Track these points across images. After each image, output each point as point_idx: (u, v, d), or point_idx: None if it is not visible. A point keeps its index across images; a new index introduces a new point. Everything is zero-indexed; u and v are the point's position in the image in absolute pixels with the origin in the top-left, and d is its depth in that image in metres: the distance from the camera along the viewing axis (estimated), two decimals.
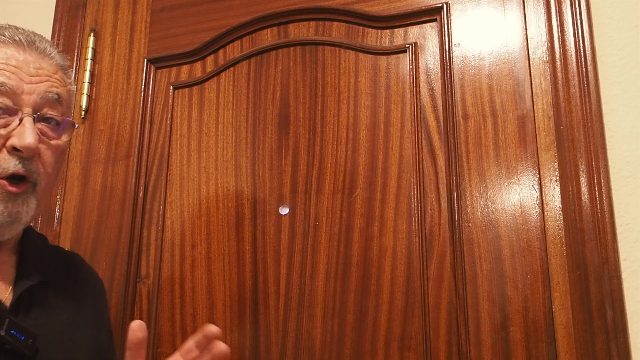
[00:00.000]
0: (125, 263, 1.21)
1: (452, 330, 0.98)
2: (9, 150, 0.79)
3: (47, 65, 0.86)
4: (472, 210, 1.02)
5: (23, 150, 0.79)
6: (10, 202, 0.80)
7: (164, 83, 1.31)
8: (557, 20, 1.04)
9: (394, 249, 1.05)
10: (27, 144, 0.79)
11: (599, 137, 0.97)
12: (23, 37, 0.85)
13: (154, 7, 1.36)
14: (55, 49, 0.89)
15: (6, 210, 0.79)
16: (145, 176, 1.26)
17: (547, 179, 0.99)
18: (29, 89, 0.82)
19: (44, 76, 0.84)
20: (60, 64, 0.89)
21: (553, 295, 0.94)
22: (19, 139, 0.79)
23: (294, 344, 1.07)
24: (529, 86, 1.04)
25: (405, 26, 1.15)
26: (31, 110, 0.82)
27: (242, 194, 1.18)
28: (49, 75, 0.85)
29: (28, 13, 1.51)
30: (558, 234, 0.96)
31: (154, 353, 1.16)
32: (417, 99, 1.10)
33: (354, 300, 1.05)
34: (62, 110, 0.87)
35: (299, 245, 1.11)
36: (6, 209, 0.79)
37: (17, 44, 0.84)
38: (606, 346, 0.89)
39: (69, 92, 0.90)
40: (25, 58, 0.83)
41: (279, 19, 1.24)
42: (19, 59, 0.83)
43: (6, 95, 0.80)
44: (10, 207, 0.80)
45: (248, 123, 1.21)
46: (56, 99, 0.85)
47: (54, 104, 0.85)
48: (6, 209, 0.79)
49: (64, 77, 0.89)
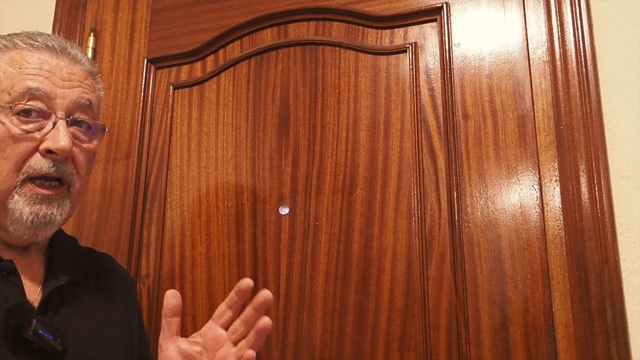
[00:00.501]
0: (125, 263, 1.21)
1: (452, 330, 0.98)
2: (43, 152, 0.81)
3: (78, 71, 0.88)
4: (472, 210, 1.02)
5: (58, 153, 0.81)
6: (44, 204, 0.81)
7: (164, 83, 1.31)
8: (557, 20, 1.04)
9: (394, 249, 1.05)
10: (61, 146, 0.81)
11: (599, 137, 0.97)
12: (55, 43, 0.87)
13: (154, 7, 1.36)
14: (85, 56, 0.91)
15: (41, 212, 0.81)
16: (145, 176, 1.26)
17: (547, 179, 0.99)
18: (62, 93, 0.84)
19: (75, 81, 0.87)
20: (89, 70, 0.91)
21: (553, 295, 0.94)
22: (54, 141, 0.81)
23: (294, 344, 1.07)
24: (529, 86, 1.04)
25: (405, 26, 1.15)
26: (64, 114, 0.84)
27: (242, 194, 1.18)
28: (80, 80, 0.88)
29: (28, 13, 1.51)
30: (558, 234, 0.96)
31: (154, 353, 1.16)
32: (417, 99, 1.10)
33: (354, 300, 1.05)
34: (93, 115, 0.89)
35: (299, 245, 1.11)
36: (41, 210, 0.81)
37: (49, 50, 0.86)
38: (606, 346, 0.89)
39: (98, 98, 0.92)
40: (57, 63, 0.86)
41: (279, 19, 1.24)
42: (52, 64, 0.85)
43: (40, 100, 0.82)
44: (45, 209, 0.81)
45: (248, 123, 1.21)
46: (87, 104, 0.87)
47: (86, 109, 0.87)
48: (41, 210, 0.81)
49: (93, 83, 0.91)
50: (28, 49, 0.85)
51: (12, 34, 0.88)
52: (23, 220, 0.80)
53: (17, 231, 0.81)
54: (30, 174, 0.81)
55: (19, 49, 0.85)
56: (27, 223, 0.80)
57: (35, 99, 0.82)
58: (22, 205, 0.80)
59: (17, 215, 0.80)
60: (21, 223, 0.80)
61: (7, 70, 0.83)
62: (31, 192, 0.81)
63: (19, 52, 0.85)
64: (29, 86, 0.82)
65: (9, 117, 0.81)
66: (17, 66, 0.84)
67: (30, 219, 0.80)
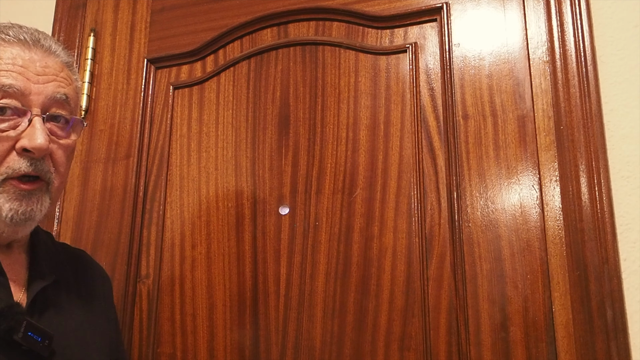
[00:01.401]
0: (125, 263, 1.21)
1: (452, 330, 0.98)
2: (19, 151, 0.79)
3: (53, 63, 0.85)
4: (472, 210, 1.02)
5: (34, 151, 0.79)
6: (24, 200, 0.80)
7: (164, 83, 1.31)
8: (557, 20, 1.04)
9: (394, 249, 1.05)
10: (37, 144, 0.79)
11: (599, 137, 0.97)
12: (27, 36, 0.84)
13: (154, 7, 1.36)
14: (59, 46, 0.88)
15: (20, 208, 0.79)
16: (145, 176, 1.26)
17: (547, 179, 0.99)
18: (37, 89, 0.81)
19: (50, 75, 0.84)
20: (65, 61, 0.88)
21: (553, 295, 0.94)
22: (30, 140, 0.79)
23: (294, 344, 1.07)
24: (529, 86, 1.04)
25: (405, 26, 1.15)
26: (40, 111, 0.81)
27: (242, 194, 1.18)
28: (55, 74, 0.84)
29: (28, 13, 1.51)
30: (558, 234, 0.96)
31: (154, 353, 1.16)
32: (417, 99, 1.10)
33: (354, 300, 1.05)
34: (70, 109, 0.86)
35: (299, 245, 1.11)
36: (20, 206, 0.79)
37: (22, 43, 0.83)
38: (606, 346, 0.89)
39: (75, 90, 0.89)
40: (30, 57, 0.82)
41: (279, 19, 1.24)
42: (25, 58, 0.82)
43: (14, 97, 0.80)
44: (25, 205, 0.80)
45: (248, 123, 1.21)
46: (64, 99, 0.85)
47: (62, 103, 0.84)
48: (20, 207, 0.79)
49: (70, 75, 0.88)
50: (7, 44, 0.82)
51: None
52: (2, 217, 0.78)
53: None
54: (9, 175, 0.79)
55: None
56: (7, 220, 0.79)
57: (9, 96, 0.79)
58: (2, 201, 0.78)
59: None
60: (2, 220, 0.79)
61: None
62: (10, 188, 0.79)
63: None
64: (2, 83, 0.79)
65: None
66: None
67: (10, 215, 0.79)
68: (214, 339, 1.12)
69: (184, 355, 1.14)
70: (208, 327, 1.13)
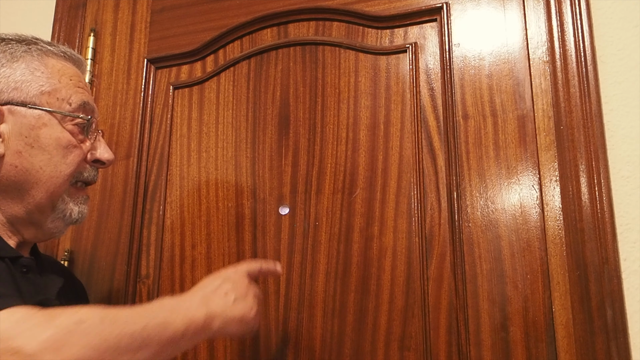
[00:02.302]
0: (125, 263, 1.21)
1: (452, 330, 0.98)
2: (90, 162, 0.89)
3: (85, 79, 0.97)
4: (472, 210, 1.02)
5: (107, 163, 0.91)
6: (85, 204, 0.91)
7: (164, 83, 1.31)
8: (557, 20, 1.04)
9: (394, 249, 1.05)
10: (109, 158, 0.91)
11: (599, 137, 0.97)
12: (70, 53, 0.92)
13: (154, 7, 1.36)
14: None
15: (83, 211, 0.90)
16: (145, 176, 1.26)
17: (547, 179, 0.99)
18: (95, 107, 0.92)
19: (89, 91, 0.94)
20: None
21: (553, 295, 0.94)
22: (102, 153, 0.90)
23: (294, 344, 1.07)
24: (529, 86, 1.04)
25: (405, 26, 1.15)
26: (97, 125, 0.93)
27: (242, 194, 1.18)
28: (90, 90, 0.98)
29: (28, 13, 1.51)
30: (558, 234, 0.96)
31: None
32: (417, 99, 1.10)
33: (354, 300, 1.05)
34: None
35: (299, 245, 1.11)
36: (84, 210, 0.90)
37: (72, 60, 0.92)
38: (606, 346, 0.89)
39: None
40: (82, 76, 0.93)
41: (279, 19, 1.24)
42: (81, 77, 0.92)
43: (90, 113, 0.89)
44: (85, 208, 0.91)
45: (248, 123, 1.21)
46: None
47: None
48: (84, 210, 0.90)
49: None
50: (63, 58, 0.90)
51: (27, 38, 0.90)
52: (71, 219, 0.87)
53: (55, 228, 0.87)
54: (79, 180, 0.88)
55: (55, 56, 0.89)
56: (72, 221, 0.88)
57: (87, 112, 0.89)
58: (72, 205, 0.87)
59: (66, 214, 0.86)
60: (63, 221, 0.87)
61: (62, 80, 0.87)
62: (79, 194, 0.89)
63: (58, 61, 0.89)
64: (83, 100, 0.88)
65: (68, 125, 0.86)
66: (67, 77, 0.88)
67: (77, 218, 0.88)
68: (214, 338, 1.12)
69: (183, 355, 1.14)
70: None
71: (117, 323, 0.67)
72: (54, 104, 0.85)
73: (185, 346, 0.77)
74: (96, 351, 0.63)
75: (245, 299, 0.86)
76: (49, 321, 0.64)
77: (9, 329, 0.62)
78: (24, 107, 0.83)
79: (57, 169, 0.84)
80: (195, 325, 0.76)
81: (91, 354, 0.63)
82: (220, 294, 0.83)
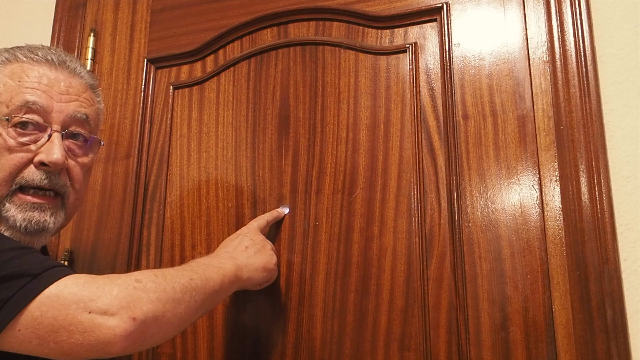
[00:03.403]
0: (125, 263, 1.21)
1: (452, 330, 0.98)
2: (37, 165, 0.84)
3: (77, 84, 0.90)
4: (472, 210, 1.02)
5: (50, 165, 0.84)
6: (37, 211, 0.84)
7: (164, 83, 1.31)
8: (557, 20, 1.04)
9: (394, 249, 1.05)
10: (54, 159, 0.83)
11: (599, 137, 0.97)
12: (55, 57, 0.89)
13: (154, 7, 1.36)
14: (85, 69, 0.94)
15: (33, 218, 0.83)
16: (145, 176, 1.26)
17: (547, 179, 0.99)
18: (59, 107, 0.86)
19: (73, 95, 0.89)
20: (89, 83, 0.93)
21: (553, 295, 0.94)
22: (47, 154, 0.84)
23: (294, 344, 1.07)
24: (529, 86, 1.04)
25: (405, 26, 1.15)
26: (60, 127, 0.86)
27: (242, 194, 1.18)
28: (78, 94, 0.90)
29: (28, 13, 1.51)
30: (558, 234, 0.96)
31: (154, 353, 1.16)
32: (417, 99, 1.10)
33: (354, 300, 1.05)
34: (90, 129, 0.92)
35: (299, 245, 1.11)
36: (32, 217, 0.83)
37: (49, 63, 0.88)
38: (606, 346, 0.89)
39: (96, 111, 0.95)
40: (56, 76, 0.88)
41: (279, 19, 1.24)
42: (51, 77, 0.87)
43: (37, 113, 0.84)
44: (37, 215, 0.84)
45: (248, 123, 1.21)
46: (84, 118, 0.90)
47: (82, 122, 0.90)
48: (33, 217, 0.83)
49: (92, 96, 0.94)
50: (29, 63, 0.87)
51: (15, 47, 0.90)
52: (17, 227, 0.82)
53: (13, 237, 0.83)
54: (22, 185, 0.83)
55: (20, 62, 0.87)
56: (21, 229, 0.82)
57: (32, 112, 0.84)
58: (15, 212, 0.83)
59: (12, 222, 0.82)
60: (16, 229, 0.83)
61: (7, 83, 0.85)
62: (20, 200, 0.83)
63: (20, 65, 0.87)
64: (26, 99, 0.84)
65: (5, 129, 0.83)
66: (17, 79, 0.85)
67: (24, 225, 0.82)
68: (214, 339, 1.12)
69: (184, 355, 1.14)
70: (208, 327, 1.13)
71: (167, 278, 0.76)
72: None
73: (222, 297, 0.89)
74: (160, 302, 0.72)
75: (264, 250, 1.01)
76: (112, 281, 0.71)
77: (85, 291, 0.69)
78: None
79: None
80: (229, 277, 0.88)
81: (157, 307, 0.71)
82: (241, 249, 0.97)
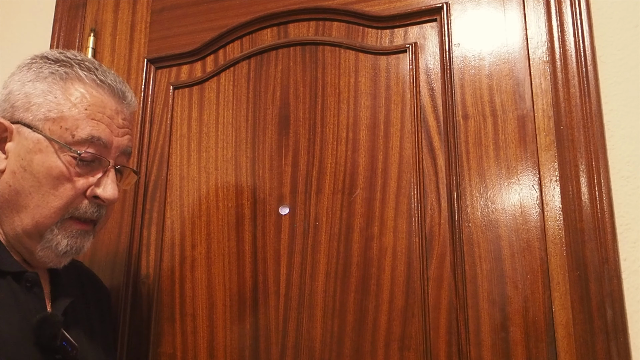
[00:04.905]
0: (125, 263, 1.21)
1: (452, 330, 0.98)
2: (90, 197, 0.85)
3: (129, 115, 0.91)
4: (472, 210, 1.02)
5: (106, 202, 0.85)
6: (79, 238, 0.85)
7: (164, 83, 1.31)
8: (557, 20, 1.04)
9: (394, 249, 1.05)
10: (110, 196, 0.85)
11: (599, 137, 0.97)
12: (117, 85, 0.88)
13: (154, 7, 1.36)
14: (134, 95, 0.93)
15: (75, 245, 0.85)
16: (145, 176, 1.26)
17: (547, 179, 0.99)
18: (117, 142, 0.87)
19: (127, 129, 0.89)
20: (134, 112, 0.94)
21: (553, 295, 0.94)
22: (104, 190, 0.85)
23: (294, 344, 1.07)
24: (529, 86, 1.04)
25: (405, 26, 1.15)
26: (114, 162, 0.87)
27: (242, 194, 1.18)
28: (130, 127, 0.90)
29: (28, 13, 1.51)
30: (558, 234, 0.96)
31: (154, 353, 1.16)
32: (417, 99, 1.10)
33: (354, 300, 1.05)
34: (130, 160, 0.94)
35: (299, 245, 1.11)
36: (75, 243, 0.85)
37: (112, 91, 0.87)
38: (606, 346, 0.89)
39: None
40: (116, 108, 0.87)
41: (279, 19, 1.24)
42: (112, 109, 0.87)
43: (99, 147, 0.84)
44: (79, 242, 0.86)
45: (248, 123, 1.21)
46: (129, 152, 0.91)
47: (128, 156, 0.91)
48: (75, 244, 0.85)
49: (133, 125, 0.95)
50: (91, 86, 0.85)
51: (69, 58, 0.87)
52: (57, 251, 0.83)
53: (45, 257, 0.84)
54: (74, 215, 0.84)
55: (82, 82, 0.85)
56: (60, 253, 0.84)
57: (95, 146, 0.84)
58: (61, 238, 0.83)
59: (53, 245, 0.83)
60: (53, 251, 0.83)
61: (71, 107, 0.83)
62: (70, 227, 0.84)
63: (84, 87, 0.85)
64: (92, 134, 0.83)
65: (67, 157, 0.82)
66: (82, 105, 0.84)
67: (65, 250, 0.84)
68: (214, 339, 1.12)
69: (184, 355, 1.14)
70: (208, 327, 1.13)
71: None
72: (56, 131, 0.82)
73: None
74: None
75: None
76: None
77: None
78: (29, 129, 0.82)
79: (45, 199, 0.81)
80: None
81: None
82: None
